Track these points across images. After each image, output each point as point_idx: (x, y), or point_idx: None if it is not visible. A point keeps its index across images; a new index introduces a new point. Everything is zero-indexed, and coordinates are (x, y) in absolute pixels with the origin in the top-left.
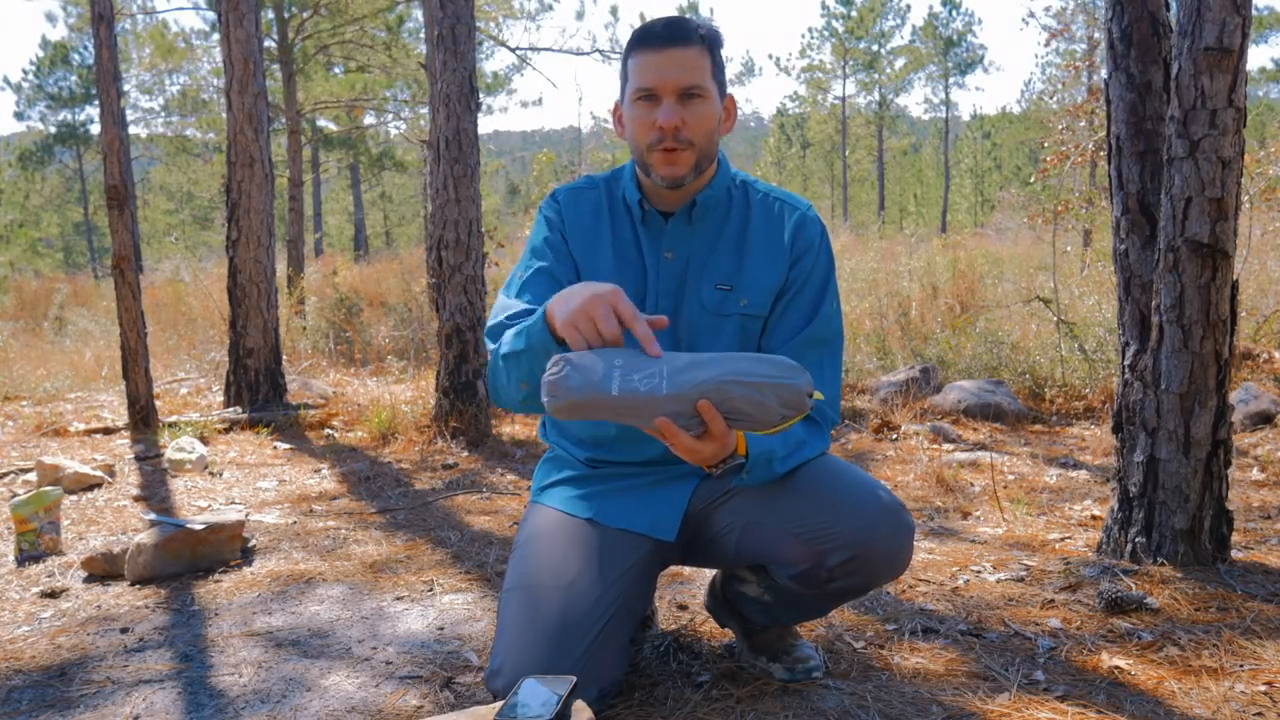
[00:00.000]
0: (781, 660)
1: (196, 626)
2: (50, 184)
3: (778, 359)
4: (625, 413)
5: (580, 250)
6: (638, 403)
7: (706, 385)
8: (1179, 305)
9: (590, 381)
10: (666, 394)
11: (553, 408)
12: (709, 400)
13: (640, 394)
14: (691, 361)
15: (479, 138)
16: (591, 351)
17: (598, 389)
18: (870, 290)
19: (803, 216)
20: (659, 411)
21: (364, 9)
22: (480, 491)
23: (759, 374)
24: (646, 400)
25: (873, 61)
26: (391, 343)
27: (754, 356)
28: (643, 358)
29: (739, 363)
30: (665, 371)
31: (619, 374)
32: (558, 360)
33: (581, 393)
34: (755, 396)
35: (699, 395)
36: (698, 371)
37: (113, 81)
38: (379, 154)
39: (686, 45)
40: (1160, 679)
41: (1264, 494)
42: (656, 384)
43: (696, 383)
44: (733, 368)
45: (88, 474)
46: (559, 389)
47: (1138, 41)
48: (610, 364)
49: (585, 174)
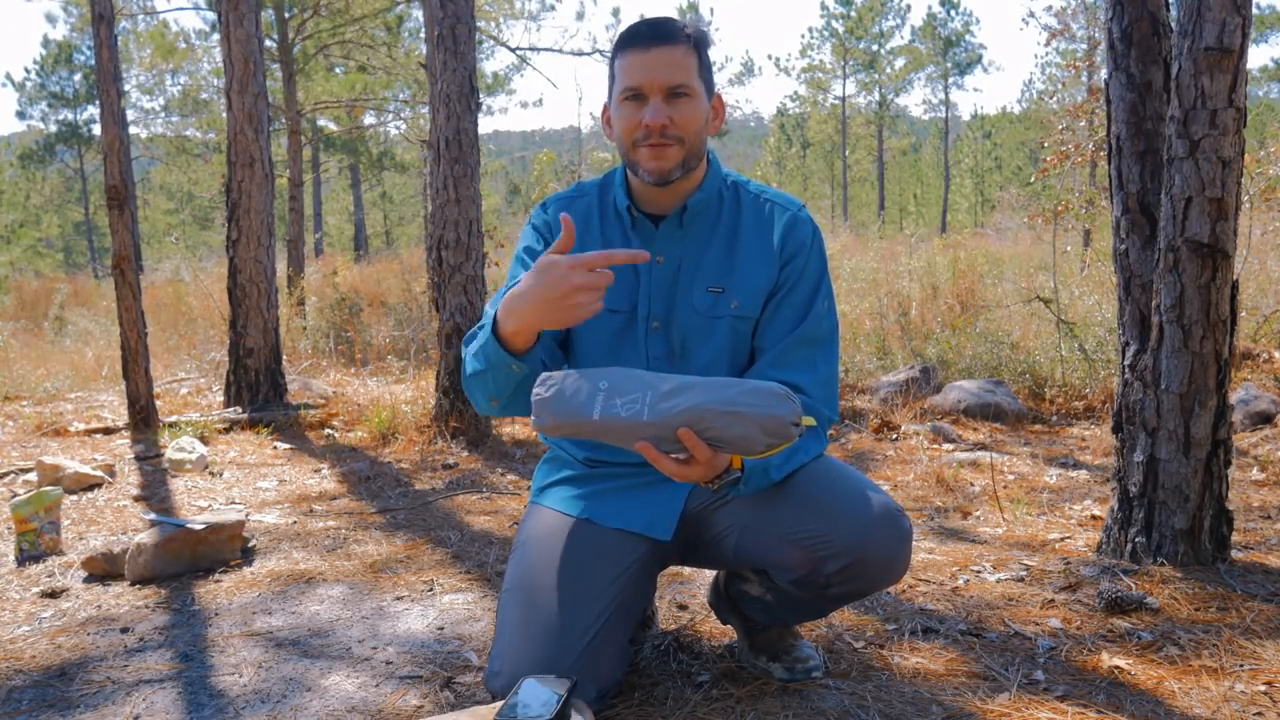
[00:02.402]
0: (781, 660)
1: (197, 626)
2: (51, 184)
3: (766, 386)
4: (607, 435)
5: None
6: (618, 427)
7: (688, 414)
8: (1179, 305)
9: (573, 405)
10: (647, 420)
11: (538, 426)
12: (690, 428)
13: (621, 419)
14: (677, 387)
15: (479, 138)
16: (579, 373)
17: (580, 413)
18: (870, 290)
19: (794, 217)
20: (639, 436)
21: (364, 9)
22: (480, 491)
23: (743, 404)
24: (627, 425)
25: (873, 61)
26: (392, 343)
27: (741, 384)
28: (630, 380)
29: (724, 390)
30: (649, 398)
31: (602, 398)
32: (545, 380)
33: (564, 415)
34: (737, 427)
35: (680, 423)
36: (680, 398)
37: (113, 81)
38: (379, 154)
39: (673, 44)
40: (1160, 679)
41: (1264, 494)
42: (638, 410)
43: (677, 410)
44: (716, 396)
45: (88, 474)
46: (543, 410)
47: (1138, 41)
48: (596, 386)
49: (585, 174)
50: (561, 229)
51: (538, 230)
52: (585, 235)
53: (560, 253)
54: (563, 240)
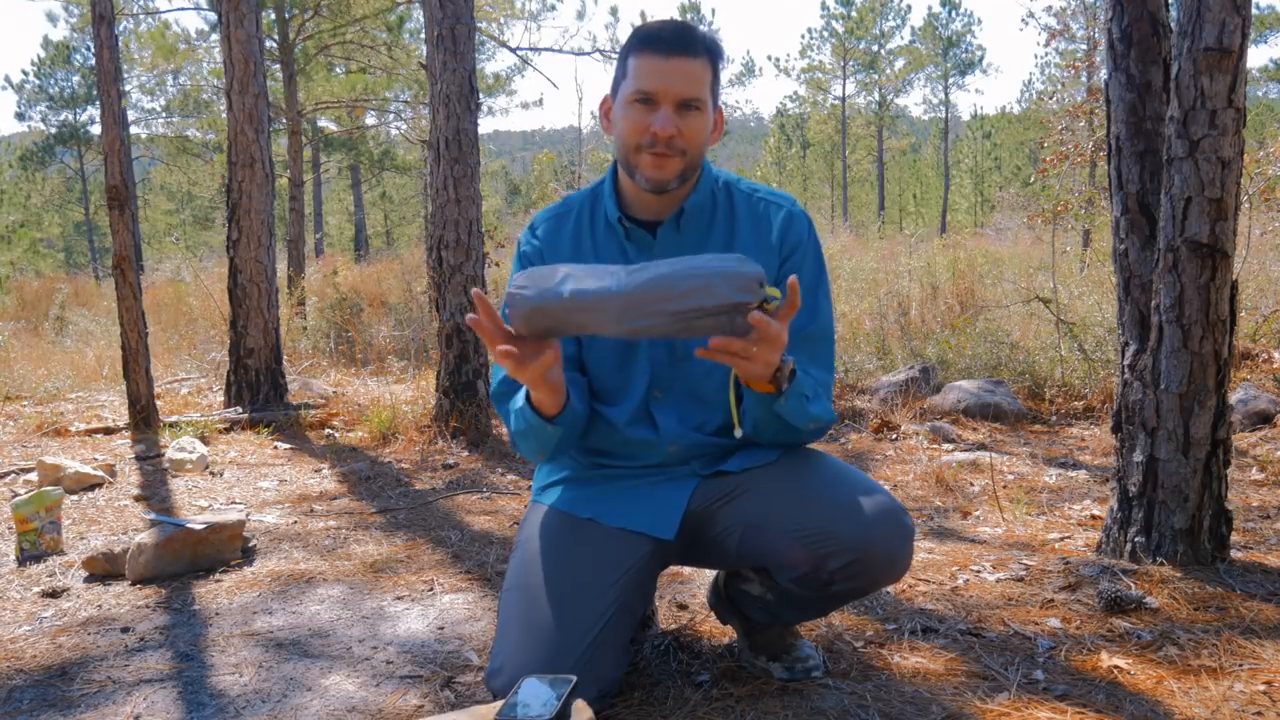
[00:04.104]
0: (781, 659)
1: (197, 626)
2: (51, 184)
3: (725, 256)
4: (579, 312)
5: None
6: (590, 302)
7: (658, 281)
8: (1178, 305)
9: (544, 289)
10: (616, 290)
11: (513, 318)
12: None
13: (591, 292)
14: (642, 266)
15: (479, 138)
16: (550, 265)
17: (550, 294)
18: (870, 290)
19: (789, 213)
20: (613, 308)
21: (365, 9)
22: (480, 491)
23: (708, 267)
24: (600, 298)
25: (873, 62)
26: (392, 343)
27: (703, 256)
28: (600, 269)
29: (688, 261)
30: (619, 274)
31: (572, 280)
32: (519, 276)
33: (538, 300)
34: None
35: (650, 290)
36: (647, 271)
37: (114, 82)
38: (380, 154)
39: (693, 56)
40: (1159, 678)
41: (1263, 494)
42: (607, 285)
43: (646, 278)
44: (682, 266)
45: (88, 474)
46: (516, 300)
47: (1138, 41)
48: (565, 274)
49: (585, 174)
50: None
51: (530, 261)
52: (577, 255)
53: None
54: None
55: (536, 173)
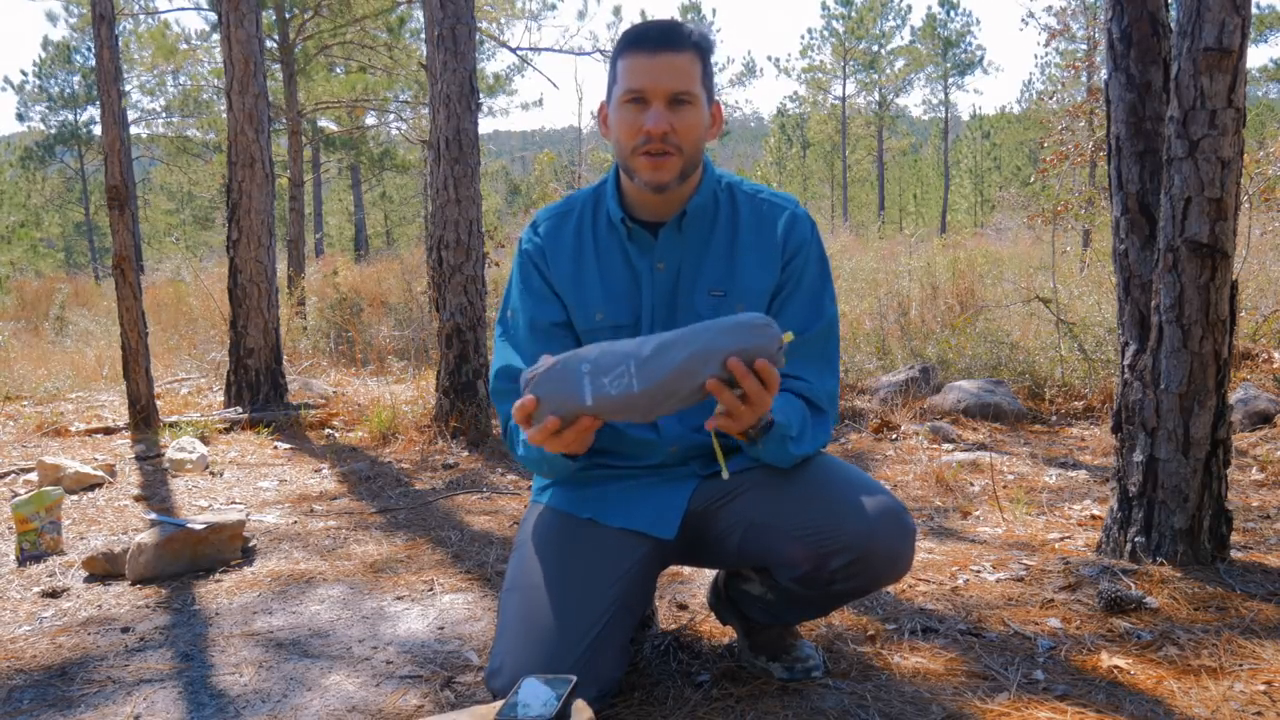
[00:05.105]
0: (781, 659)
1: (197, 626)
2: (51, 184)
3: (741, 320)
4: (609, 416)
5: (564, 281)
6: (614, 404)
7: (675, 372)
8: (1178, 305)
9: (565, 396)
10: (639, 391)
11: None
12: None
13: (612, 397)
14: (657, 348)
15: (479, 138)
16: (560, 360)
17: (574, 403)
18: (870, 290)
19: (792, 215)
20: (635, 407)
21: (365, 9)
22: (480, 491)
23: (724, 345)
24: (623, 400)
25: (873, 62)
26: (392, 343)
27: (718, 324)
28: (610, 355)
29: (703, 336)
30: (632, 368)
31: (589, 381)
32: (529, 380)
33: (561, 410)
34: (723, 361)
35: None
36: (663, 359)
37: (114, 82)
38: (380, 154)
39: (679, 50)
40: (1160, 678)
41: (1263, 494)
42: (626, 384)
43: (664, 372)
44: (697, 345)
45: (89, 474)
46: (540, 413)
47: (1138, 41)
48: (579, 371)
49: (585, 174)
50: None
51: (531, 258)
52: (578, 254)
53: None
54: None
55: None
